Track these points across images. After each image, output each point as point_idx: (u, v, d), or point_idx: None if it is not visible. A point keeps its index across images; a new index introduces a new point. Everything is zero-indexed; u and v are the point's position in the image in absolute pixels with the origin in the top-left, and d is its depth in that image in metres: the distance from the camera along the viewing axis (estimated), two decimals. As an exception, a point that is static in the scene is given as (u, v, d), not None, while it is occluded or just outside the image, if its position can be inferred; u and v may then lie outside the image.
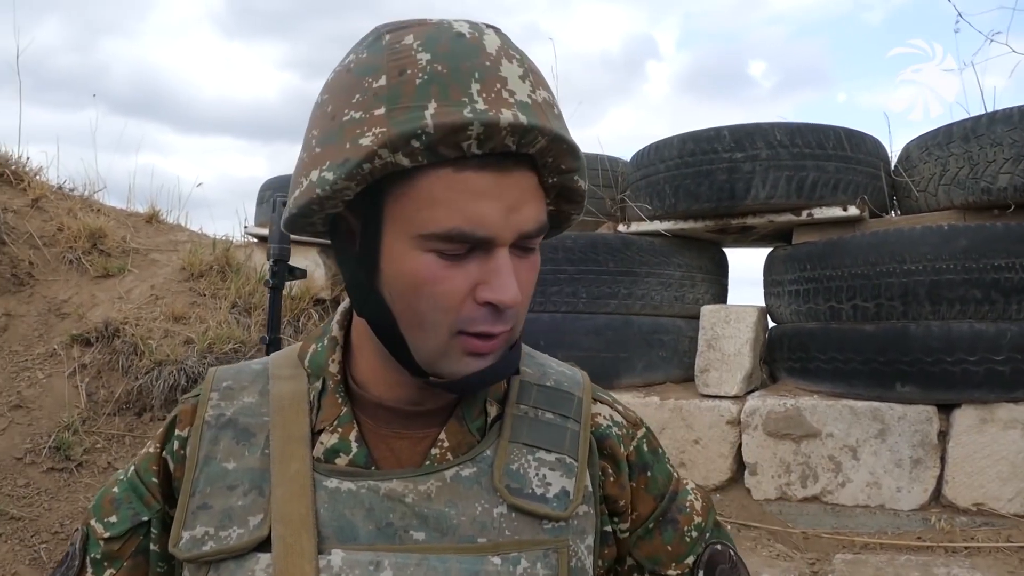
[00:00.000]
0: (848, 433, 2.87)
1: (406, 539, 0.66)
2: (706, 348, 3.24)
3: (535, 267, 0.68)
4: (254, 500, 0.68)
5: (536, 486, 0.70)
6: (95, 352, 3.82)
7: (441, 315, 0.63)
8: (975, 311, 2.67)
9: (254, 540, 0.66)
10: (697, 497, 0.81)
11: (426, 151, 0.59)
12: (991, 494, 2.67)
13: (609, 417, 0.78)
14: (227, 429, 0.72)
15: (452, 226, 0.61)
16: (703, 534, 0.79)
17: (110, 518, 0.73)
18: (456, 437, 0.71)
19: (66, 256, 4.29)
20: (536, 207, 0.64)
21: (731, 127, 3.14)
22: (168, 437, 0.75)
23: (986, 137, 2.75)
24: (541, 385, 0.77)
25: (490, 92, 0.60)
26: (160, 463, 0.74)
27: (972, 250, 2.67)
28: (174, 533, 0.68)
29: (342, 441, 0.70)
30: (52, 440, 3.41)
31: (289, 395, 0.73)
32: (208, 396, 0.74)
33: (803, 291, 3.07)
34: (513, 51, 0.64)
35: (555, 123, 0.63)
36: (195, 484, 0.70)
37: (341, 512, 0.67)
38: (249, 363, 0.79)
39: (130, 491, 0.74)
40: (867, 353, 2.83)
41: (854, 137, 3.12)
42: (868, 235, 2.92)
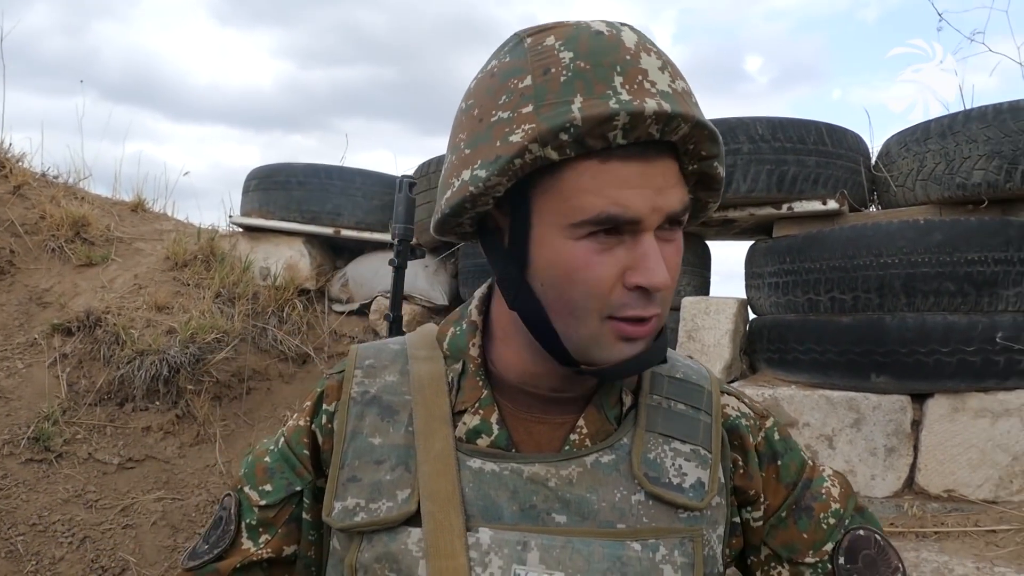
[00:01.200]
0: (825, 422, 2.93)
1: (548, 521, 0.68)
2: (686, 339, 3.29)
3: (680, 251, 0.69)
4: (401, 475, 0.70)
5: (673, 475, 0.71)
6: (76, 342, 3.81)
7: (592, 301, 0.65)
8: (948, 303, 2.73)
9: (403, 514, 0.68)
10: (834, 484, 0.81)
11: (574, 143, 0.62)
12: (961, 481, 2.74)
13: (737, 409, 0.80)
14: (372, 405, 0.75)
15: (600, 211, 0.63)
16: (841, 520, 0.78)
17: (265, 486, 0.77)
18: (595, 424, 0.73)
19: (48, 244, 4.26)
20: (680, 191, 0.66)
21: (714, 120, 3.16)
22: (316, 411, 0.78)
23: (962, 134, 2.81)
24: (672, 377, 0.78)
25: (632, 83, 0.62)
26: (310, 435, 0.77)
27: (946, 244, 2.73)
28: (327, 503, 0.71)
29: (484, 423, 0.72)
30: (31, 431, 3.40)
31: (428, 375, 0.75)
32: (352, 373, 0.77)
33: (782, 283, 3.12)
34: (650, 45, 0.66)
35: (696, 111, 0.65)
36: (344, 457, 0.73)
37: (486, 492, 0.69)
38: (387, 342, 0.82)
39: (282, 461, 0.77)
40: (844, 344, 2.89)
41: (835, 132, 3.17)
42: (846, 229, 2.98)
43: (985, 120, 2.75)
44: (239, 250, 4.54)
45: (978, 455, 2.73)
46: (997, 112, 2.74)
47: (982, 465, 2.72)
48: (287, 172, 4.47)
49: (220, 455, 3.63)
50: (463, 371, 0.75)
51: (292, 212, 4.41)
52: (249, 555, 0.76)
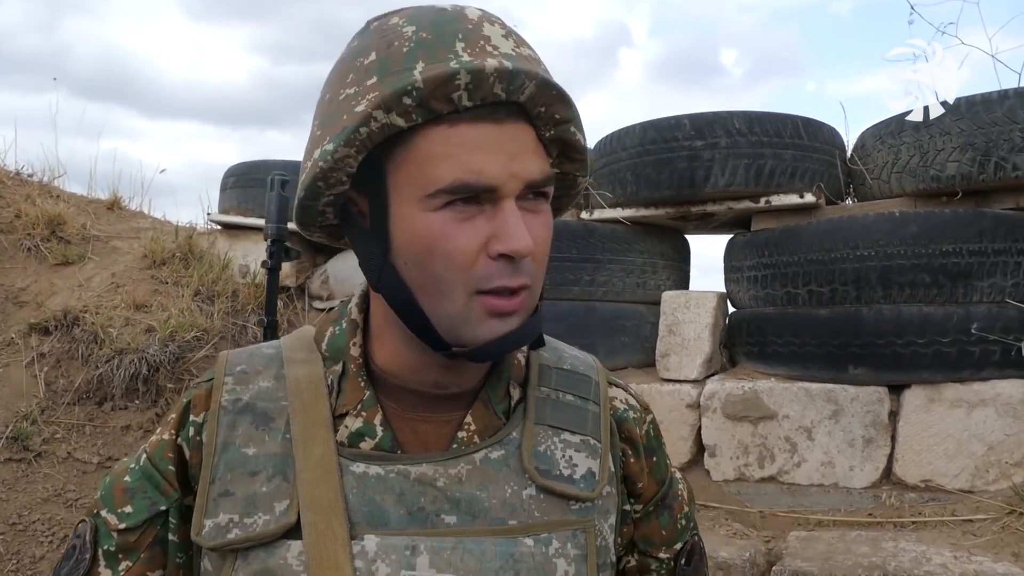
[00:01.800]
0: (803, 414, 2.95)
1: (438, 523, 0.66)
2: (667, 333, 3.30)
3: (547, 225, 0.67)
4: (279, 486, 0.67)
5: (563, 467, 0.71)
6: (54, 341, 3.77)
7: (456, 274, 0.63)
8: (924, 295, 2.76)
9: (282, 527, 0.65)
10: (684, 487, 0.85)
11: (419, 108, 0.61)
12: (938, 471, 2.77)
13: (625, 401, 0.80)
14: (245, 414, 0.71)
15: (454, 178, 0.61)
16: (689, 523, 0.83)
17: (124, 508, 0.71)
18: (483, 420, 0.71)
19: (24, 243, 4.21)
20: (539, 159, 0.65)
21: (691, 115, 3.19)
22: (183, 423, 0.73)
23: (936, 126, 2.83)
24: (560, 368, 0.77)
25: (474, 47, 0.62)
26: (175, 450, 0.72)
27: (921, 236, 2.75)
28: (196, 521, 0.67)
29: (367, 425, 0.70)
30: (10, 430, 3.36)
31: (306, 379, 0.72)
32: (223, 380, 0.73)
33: (761, 277, 3.14)
34: (494, 19, 0.66)
35: (542, 71, 0.64)
36: (215, 471, 0.68)
37: (371, 497, 0.66)
38: (260, 347, 0.78)
39: (144, 480, 0.72)
40: (822, 337, 2.91)
41: (811, 126, 3.19)
42: (823, 222, 3.00)
43: (958, 113, 2.78)
44: (218, 248, 4.51)
45: (954, 445, 2.76)
46: (970, 105, 2.77)
47: (958, 455, 2.75)
48: (265, 169, 4.44)
49: (200, 454, 3.61)
50: (343, 372, 0.72)
51: (272, 209, 4.38)
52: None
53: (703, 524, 2.81)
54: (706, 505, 3.00)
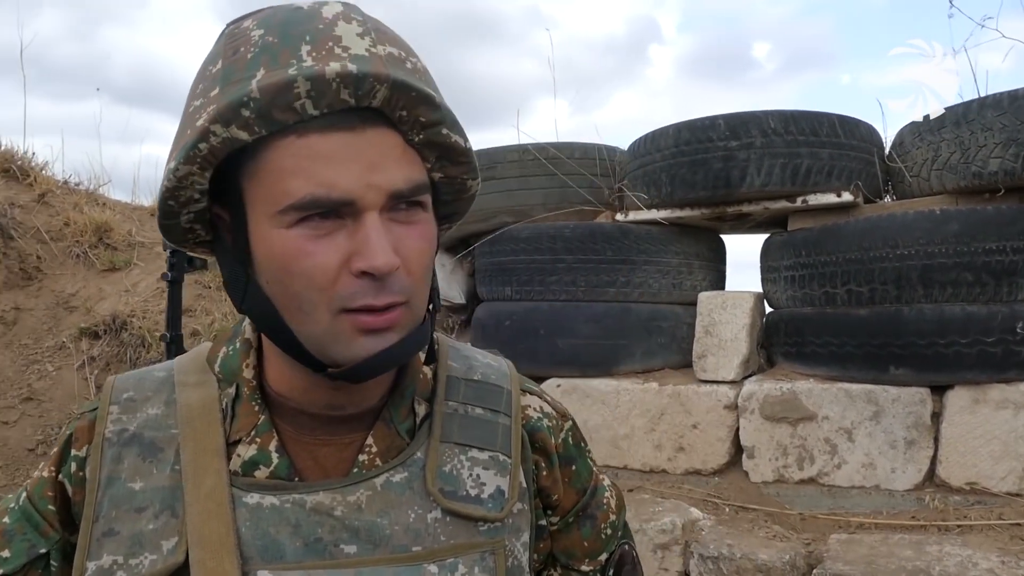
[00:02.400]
0: (843, 416, 2.92)
1: (337, 554, 0.63)
2: (703, 334, 3.29)
3: (425, 236, 0.63)
4: (166, 522, 0.63)
5: (470, 487, 0.67)
6: (103, 344, 3.90)
7: (316, 293, 0.59)
8: (967, 294, 2.71)
9: (169, 567, 0.61)
10: (612, 494, 0.81)
11: (260, 119, 0.57)
12: (983, 473, 2.71)
13: (539, 409, 0.77)
14: (131, 445, 0.66)
15: (305, 193, 0.57)
16: (616, 532, 0.79)
17: (2, 552, 0.66)
18: (384, 441, 0.68)
19: (73, 250, 4.36)
20: (406, 166, 0.61)
21: (726, 116, 3.18)
22: (64, 458, 0.68)
23: (976, 122, 2.78)
24: (468, 379, 0.73)
25: (320, 50, 0.57)
26: (56, 488, 0.68)
27: (963, 234, 2.70)
28: (77, 563, 0.63)
29: (261, 452, 0.66)
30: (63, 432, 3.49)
31: (199, 404, 0.67)
32: (107, 410, 0.68)
33: (798, 277, 3.11)
34: (355, 15, 0.61)
35: (399, 71, 0.59)
36: (98, 508, 0.64)
37: (265, 530, 0.63)
38: (151, 369, 0.73)
39: (23, 521, 0.67)
40: (861, 337, 2.87)
41: (848, 124, 3.15)
42: (861, 220, 2.96)
43: (1000, 107, 2.72)
44: (259, 253, 4.60)
45: (1000, 447, 2.70)
46: (1012, 99, 2.71)
47: (1005, 457, 2.70)
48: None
49: (243, 455, 3.70)
50: (237, 396, 0.68)
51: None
52: None
53: (741, 526, 2.79)
54: (744, 507, 2.98)
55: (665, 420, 3.19)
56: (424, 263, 0.63)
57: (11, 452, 3.45)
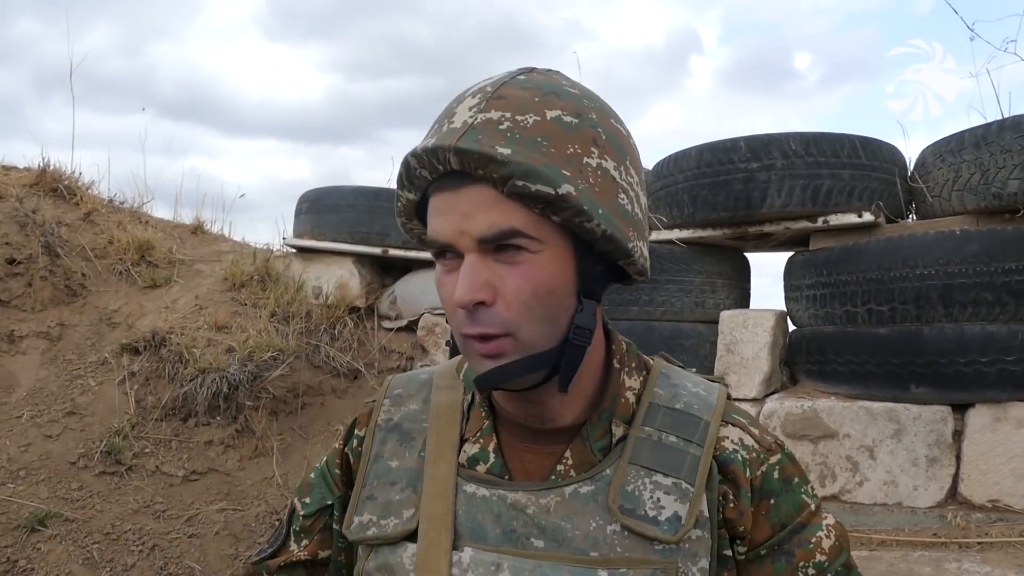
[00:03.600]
0: (865, 433, 2.95)
1: (527, 545, 0.74)
2: (725, 352, 3.34)
3: (525, 275, 0.70)
4: (408, 496, 0.79)
5: (649, 508, 0.73)
6: (143, 360, 4.03)
7: (450, 315, 0.74)
8: (987, 313, 2.74)
9: (404, 531, 0.77)
10: (829, 535, 0.79)
11: (410, 184, 0.74)
12: (1005, 490, 2.73)
13: (738, 441, 0.79)
14: (394, 432, 0.84)
15: (428, 238, 0.73)
16: (822, 573, 0.77)
17: (306, 499, 0.88)
18: (579, 456, 0.77)
19: (116, 268, 4.52)
20: (493, 215, 0.68)
21: (747, 138, 3.24)
22: (350, 436, 0.88)
23: (996, 144, 2.82)
24: (669, 408, 0.79)
25: (439, 127, 0.72)
26: (343, 457, 0.88)
27: (983, 254, 2.74)
28: (348, 516, 0.81)
29: (482, 451, 0.79)
30: (104, 445, 3.61)
31: (446, 404, 0.83)
32: (382, 402, 0.87)
33: (820, 295, 3.16)
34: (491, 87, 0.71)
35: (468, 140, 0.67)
36: (366, 477, 0.82)
37: (474, 515, 0.76)
38: (419, 372, 0.91)
39: (321, 479, 0.89)
40: (882, 356, 2.91)
41: (869, 145, 3.20)
42: (882, 240, 3.00)
43: (1019, 129, 2.76)
44: (292, 270, 4.73)
45: (1022, 464, 2.72)
46: (1032, 122, 2.75)
47: (1026, 475, 2.71)
48: (337, 195, 4.66)
49: (277, 468, 3.80)
50: (472, 401, 0.82)
51: (342, 233, 4.59)
52: (292, 556, 0.88)
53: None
54: (767, 523, 3.01)
55: (688, 436, 3.23)
56: (522, 299, 0.69)
57: (54, 465, 3.57)
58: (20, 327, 4.08)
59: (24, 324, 4.11)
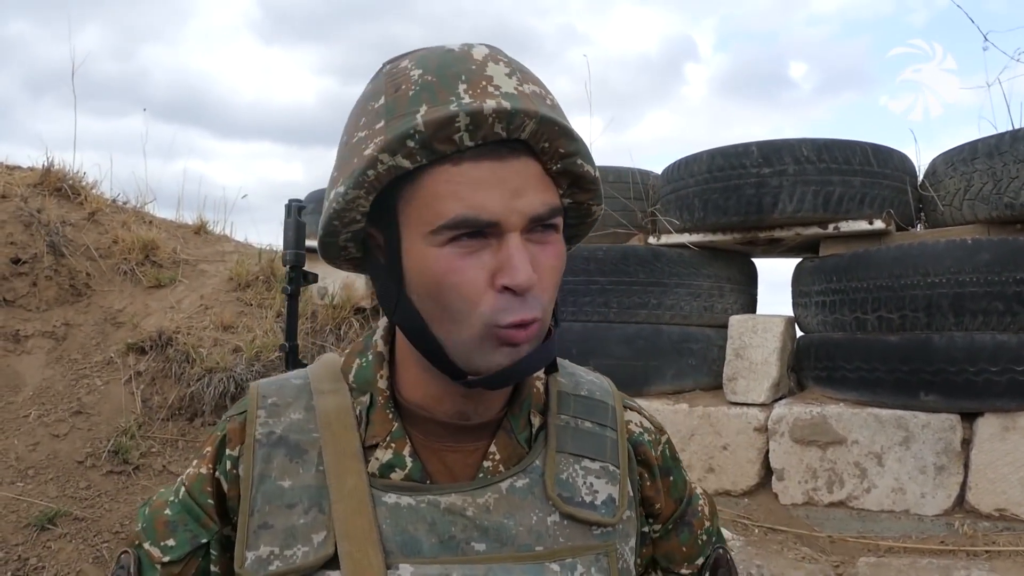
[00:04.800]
0: (873, 440, 2.96)
1: (468, 551, 0.69)
2: (734, 357, 3.35)
3: (557, 255, 0.68)
4: (315, 517, 0.69)
5: (585, 494, 0.74)
6: (149, 360, 4.03)
7: (467, 306, 0.65)
8: (997, 322, 2.75)
9: (321, 558, 0.67)
10: (706, 502, 0.88)
11: (422, 149, 0.63)
12: (1013, 500, 2.75)
13: (640, 424, 0.83)
14: (279, 447, 0.73)
15: (456, 214, 0.63)
16: (711, 538, 0.86)
17: (167, 541, 0.73)
18: (506, 449, 0.74)
19: (121, 267, 4.50)
20: (543, 192, 0.66)
21: (759, 143, 3.25)
22: (219, 457, 0.75)
23: (1009, 154, 2.83)
24: (577, 395, 0.80)
25: (476, 88, 0.64)
26: (214, 483, 0.74)
27: (995, 263, 2.75)
28: (238, 554, 0.69)
29: (396, 456, 0.72)
30: (111, 444, 3.61)
31: (335, 410, 0.74)
32: (255, 414, 0.75)
33: (829, 302, 3.16)
34: (502, 57, 0.68)
35: (543, 108, 0.65)
36: (253, 503, 0.70)
37: (403, 527, 0.69)
38: (288, 377, 0.80)
39: (185, 513, 0.74)
40: (892, 363, 2.92)
41: (881, 153, 3.21)
42: (893, 248, 3.01)
43: (1032, 140, 2.77)
44: (298, 270, 4.72)
45: (1030, 474, 2.73)
46: (1045, 132, 2.76)
47: (1034, 484, 2.73)
48: (343, 195, 4.65)
49: (284, 468, 3.81)
50: (371, 404, 0.74)
51: (348, 233, 4.58)
52: None
53: (770, 548, 2.85)
54: (774, 528, 3.03)
55: (695, 441, 3.25)
56: (554, 280, 0.69)
57: (61, 464, 3.58)
58: (25, 327, 4.08)
59: (29, 324, 4.10)
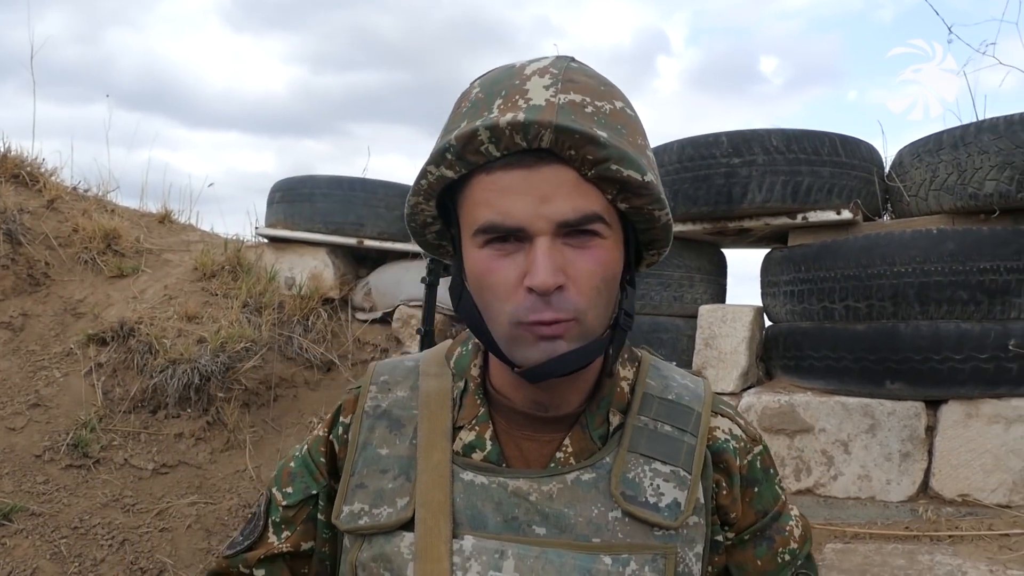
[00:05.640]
0: (840, 428, 2.99)
1: (528, 532, 0.73)
2: (703, 346, 3.36)
3: (598, 260, 0.70)
4: (402, 484, 0.77)
5: (650, 495, 0.75)
6: (111, 351, 3.93)
7: (499, 304, 0.70)
8: (961, 311, 2.79)
9: (400, 520, 0.75)
10: (798, 525, 0.86)
11: (458, 160, 0.69)
12: (975, 485, 2.79)
13: (728, 431, 0.83)
14: (382, 419, 0.81)
15: (486, 220, 0.69)
16: (795, 559, 0.84)
17: (287, 488, 0.85)
18: (579, 443, 0.77)
19: (81, 257, 4.39)
20: (577, 199, 0.68)
21: (729, 133, 3.25)
22: (334, 423, 0.85)
23: (974, 145, 2.86)
24: (663, 398, 0.81)
25: (508, 102, 0.68)
26: (327, 445, 0.85)
27: (959, 253, 2.78)
28: (336, 506, 0.78)
29: (479, 439, 0.78)
30: (70, 438, 3.52)
31: (435, 392, 0.81)
32: (368, 389, 0.84)
33: (798, 292, 3.19)
34: (554, 68, 0.71)
35: (567, 118, 0.67)
36: (354, 465, 0.80)
37: (474, 502, 0.75)
38: (403, 359, 0.88)
39: (303, 467, 0.85)
40: (858, 352, 2.95)
41: (848, 143, 3.23)
42: (860, 238, 3.04)
43: (996, 131, 2.81)
44: (265, 261, 4.65)
45: (992, 460, 2.78)
46: (1008, 124, 2.80)
47: (996, 470, 2.77)
48: (311, 184, 4.59)
49: (250, 460, 3.74)
50: (465, 389, 0.81)
51: (316, 223, 4.52)
52: (272, 548, 0.84)
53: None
54: (743, 516, 3.05)
55: (666, 430, 3.25)
56: (592, 283, 0.70)
57: (18, 458, 3.47)
58: (-19, 316, 3.95)
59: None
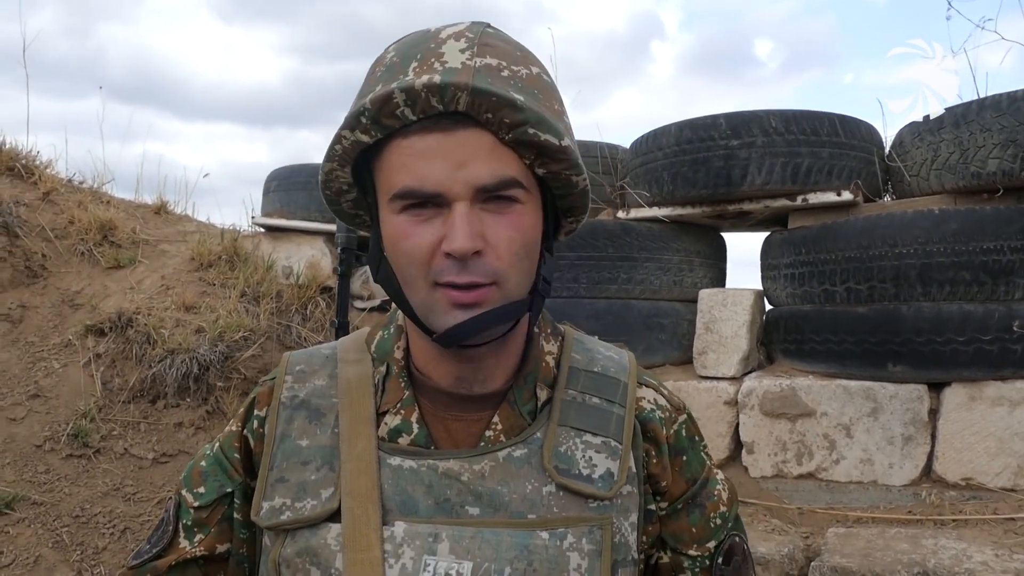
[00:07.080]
0: (842, 412, 2.96)
1: (462, 514, 0.72)
2: (704, 331, 3.33)
3: (516, 225, 0.70)
4: (325, 475, 0.75)
5: (583, 467, 0.75)
6: (109, 342, 3.92)
7: (416, 269, 0.69)
8: (964, 292, 2.75)
9: (326, 511, 0.73)
10: (725, 488, 0.87)
11: (373, 124, 0.68)
12: (979, 469, 2.76)
13: (653, 401, 0.83)
14: (300, 409, 0.79)
15: (403, 185, 0.68)
16: (726, 523, 0.85)
17: (199, 489, 0.82)
18: (509, 420, 0.77)
19: (78, 248, 4.37)
20: (493, 163, 0.68)
21: (727, 115, 3.21)
22: (248, 417, 0.83)
23: (976, 123, 2.81)
24: (589, 371, 0.81)
25: (424, 65, 0.67)
26: (241, 440, 0.82)
27: (962, 233, 2.74)
28: (255, 503, 0.76)
29: (404, 422, 0.76)
30: (70, 428, 3.52)
31: (356, 378, 0.80)
32: (283, 379, 0.82)
33: (798, 274, 3.15)
34: (470, 33, 0.70)
35: (483, 81, 0.66)
36: (273, 459, 0.77)
37: (403, 488, 0.73)
38: (319, 347, 0.87)
39: (216, 465, 0.82)
40: (860, 334, 2.91)
41: (848, 123, 3.18)
42: (861, 219, 3.00)
43: (999, 108, 2.76)
44: (262, 250, 4.63)
45: (996, 443, 2.75)
46: (1012, 100, 2.75)
47: (1000, 453, 2.74)
48: (307, 173, 4.56)
49: (249, 450, 3.73)
50: (387, 373, 0.79)
51: (312, 212, 4.50)
52: (184, 553, 0.81)
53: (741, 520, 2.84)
54: (744, 501, 3.02)
55: (666, 416, 3.23)
56: (513, 248, 0.70)
57: (19, 448, 3.47)
58: (-22, 309, 3.94)
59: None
